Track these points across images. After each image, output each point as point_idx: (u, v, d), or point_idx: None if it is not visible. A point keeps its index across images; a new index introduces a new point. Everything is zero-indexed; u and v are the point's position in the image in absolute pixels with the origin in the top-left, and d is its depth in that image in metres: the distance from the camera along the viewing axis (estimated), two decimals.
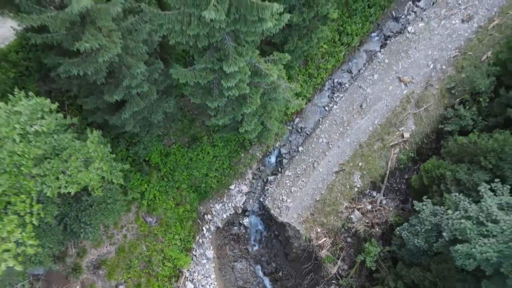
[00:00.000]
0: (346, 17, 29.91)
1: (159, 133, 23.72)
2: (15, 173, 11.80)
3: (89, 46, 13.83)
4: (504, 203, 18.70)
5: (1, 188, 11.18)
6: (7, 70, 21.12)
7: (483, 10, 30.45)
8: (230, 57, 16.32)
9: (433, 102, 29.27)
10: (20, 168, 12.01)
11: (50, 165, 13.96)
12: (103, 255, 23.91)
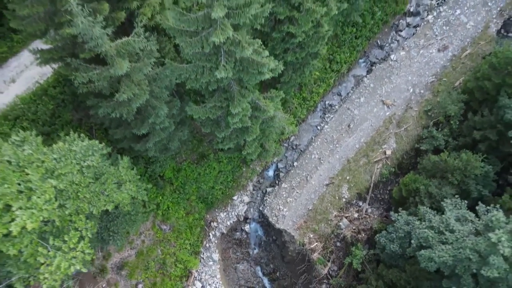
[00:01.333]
0: (336, 47, 33.85)
1: (173, 153, 27.62)
2: (75, 198, 15.69)
3: (126, 96, 17.76)
4: (461, 215, 22.60)
5: (67, 211, 15.06)
6: (47, 103, 25.09)
7: (457, 41, 34.41)
8: (235, 99, 20.27)
9: (412, 123, 33.20)
10: (77, 194, 15.91)
11: (93, 188, 17.89)
12: (125, 258, 27.84)
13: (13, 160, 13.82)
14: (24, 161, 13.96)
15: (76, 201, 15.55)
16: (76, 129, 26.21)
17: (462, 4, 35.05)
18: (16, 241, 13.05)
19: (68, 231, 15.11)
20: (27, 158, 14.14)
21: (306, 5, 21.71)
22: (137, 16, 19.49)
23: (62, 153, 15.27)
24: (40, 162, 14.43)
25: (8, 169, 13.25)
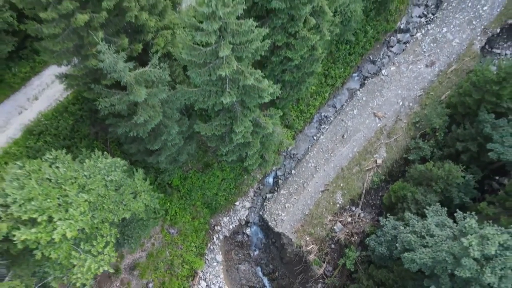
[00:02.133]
0: (330, 63, 36.40)
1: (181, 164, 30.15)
2: (101, 209, 18.22)
3: (143, 119, 20.30)
4: (440, 221, 25.14)
5: (95, 220, 17.58)
6: (67, 119, 27.64)
7: (443, 57, 36.96)
8: (238, 118, 22.83)
9: (401, 134, 35.76)
10: (103, 205, 18.46)
11: (114, 198, 20.43)
12: (136, 259, 30.39)
13: (52, 178, 16.38)
14: (61, 178, 16.52)
15: (102, 211, 18.10)
16: (92, 142, 28.79)
17: (448, 23, 37.61)
18: (57, 246, 15.60)
19: (95, 237, 17.67)
20: (63, 176, 16.70)
21: (301, 33, 24.26)
22: (152, 47, 22.05)
23: (92, 171, 17.82)
24: (74, 179, 16.99)
25: (50, 186, 15.80)
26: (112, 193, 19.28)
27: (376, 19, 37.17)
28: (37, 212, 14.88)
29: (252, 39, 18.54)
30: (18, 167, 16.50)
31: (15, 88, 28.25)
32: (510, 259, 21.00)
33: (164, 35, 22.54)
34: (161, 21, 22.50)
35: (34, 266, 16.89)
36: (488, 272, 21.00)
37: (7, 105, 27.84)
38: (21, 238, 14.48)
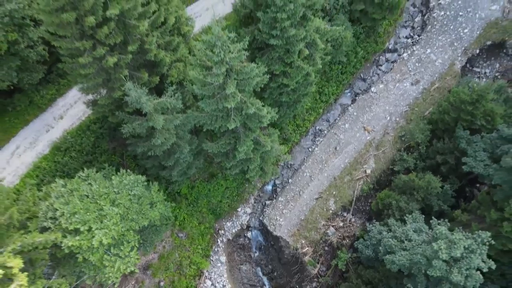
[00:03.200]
0: (324, 81, 39.94)
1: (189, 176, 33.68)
2: (126, 219, 21.74)
3: (160, 141, 23.84)
4: (418, 227, 28.69)
5: (123, 228, 21.08)
6: (89, 136, 31.22)
7: (427, 76, 40.50)
8: (241, 139, 26.37)
9: (388, 146, 39.30)
10: (128, 216, 21.99)
11: (136, 209, 23.97)
12: (149, 261, 33.92)
13: (89, 194, 19.94)
14: (96, 194, 20.07)
15: (127, 221, 21.66)
16: (111, 156, 32.35)
17: (432, 44, 41.15)
18: (94, 251, 19.14)
19: (122, 242, 21.21)
20: (97, 192, 20.25)
21: (296, 63, 27.81)
22: (167, 78, 25.60)
23: (120, 187, 21.38)
24: (106, 195, 20.55)
25: (88, 201, 19.35)
26: (135, 205, 22.84)
27: (366, 41, 40.69)
28: (80, 223, 18.44)
29: (254, 76, 22.08)
30: (62, 185, 20.05)
31: (42, 108, 31.84)
32: (474, 261, 24.56)
33: (177, 67, 26.10)
34: (174, 55, 26.04)
35: (74, 267, 20.44)
36: (456, 272, 24.55)
37: (36, 124, 31.43)
38: (68, 244, 18.02)
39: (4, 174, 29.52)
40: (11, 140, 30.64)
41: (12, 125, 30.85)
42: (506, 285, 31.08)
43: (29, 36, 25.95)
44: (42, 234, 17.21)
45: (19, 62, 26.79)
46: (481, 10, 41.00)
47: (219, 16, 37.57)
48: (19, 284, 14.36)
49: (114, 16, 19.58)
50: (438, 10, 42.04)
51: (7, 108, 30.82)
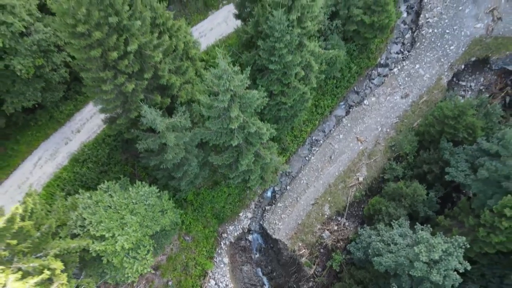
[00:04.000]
0: (320, 95, 42.91)
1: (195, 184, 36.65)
2: (143, 226, 24.69)
3: (171, 156, 26.79)
4: (403, 232, 31.65)
5: (141, 234, 24.03)
6: (104, 148, 34.19)
7: (416, 90, 43.47)
8: (243, 153, 29.32)
9: (379, 156, 42.26)
10: (144, 223, 24.93)
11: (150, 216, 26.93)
12: (158, 262, 36.87)
13: (111, 205, 22.91)
14: (117, 205, 23.04)
15: (144, 228, 24.63)
16: (123, 166, 35.32)
17: (420, 60, 44.12)
18: (117, 254, 22.10)
19: (139, 247, 24.18)
20: (118, 203, 23.23)
21: (293, 83, 30.77)
22: (177, 98, 28.55)
23: (137, 198, 24.36)
24: (125, 205, 23.52)
25: (111, 211, 22.33)
26: (150, 213, 25.82)
27: (359, 57, 43.66)
28: (105, 231, 21.42)
29: (255, 100, 25.04)
30: (88, 197, 23.02)
31: (61, 123, 34.82)
32: (451, 262, 27.57)
33: (185, 88, 29.06)
34: (183, 77, 29.00)
35: (98, 268, 23.40)
36: (435, 272, 27.55)
37: (55, 137, 34.40)
38: (95, 249, 20.99)
39: (28, 183, 32.48)
40: (33, 152, 33.60)
41: (34, 138, 33.81)
42: (486, 285, 34.04)
43: (53, 60, 28.91)
44: (74, 240, 20.14)
45: (44, 83, 29.80)
46: (466, 28, 43.97)
47: (221, 35, 40.56)
48: (60, 283, 17.28)
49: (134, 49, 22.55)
50: (426, 28, 45.03)
51: (29, 123, 33.78)
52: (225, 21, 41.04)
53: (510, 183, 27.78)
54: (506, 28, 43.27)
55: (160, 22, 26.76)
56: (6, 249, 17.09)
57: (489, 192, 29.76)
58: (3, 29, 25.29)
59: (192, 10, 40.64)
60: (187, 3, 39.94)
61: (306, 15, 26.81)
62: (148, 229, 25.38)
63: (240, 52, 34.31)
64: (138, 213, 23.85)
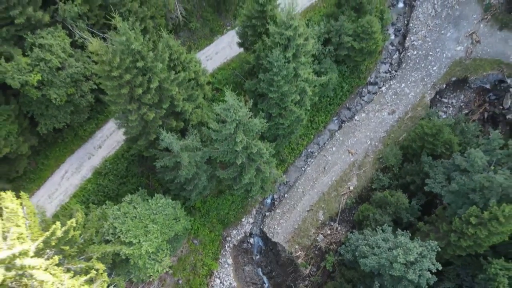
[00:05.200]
0: (315, 112, 47.41)
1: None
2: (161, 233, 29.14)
3: (185, 173, 31.28)
4: (385, 237, 36.13)
5: (160, 240, 28.47)
6: (123, 162, 38.68)
7: (402, 107, 47.96)
8: (246, 169, 33.80)
9: (368, 167, 46.75)
10: (162, 231, 29.41)
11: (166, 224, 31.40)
12: (170, 263, 41.30)
13: (136, 216, 27.41)
14: (141, 215, 27.55)
15: (163, 234, 29.14)
16: (140, 178, 39.82)
17: (406, 79, 48.61)
18: (142, 257, 26.59)
19: (158, 251, 28.68)
20: (142, 214, 27.74)
21: (289, 107, 35.27)
22: (189, 122, 33.03)
23: (157, 209, 28.87)
24: (147, 215, 28.02)
25: (137, 221, 26.82)
26: (167, 221, 30.33)
27: (351, 77, 48.16)
28: (133, 237, 25.93)
29: (256, 126, 29.53)
30: (117, 209, 27.53)
31: (85, 140, 39.32)
32: (425, 264, 32.08)
33: (196, 112, 33.56)
34: (194, 103, 33.49)
35: (125, 268, 27.89)
36: (411, 272, 32.07)
37: (80, 152, 38.90)
38: (125, 252, 25.49)
39: (57, 194, 37.00)
40: (61, 166, 38.10)
41: (61, 154, 38.31)
42: (461, 283, 38.54)
43: (81, 88, 33.39)
44: (108, 245, 24.61)
45: (73, 107, 34.31)
46: (448, 51, 48.49)
47: (226, 58, 45.05)
48: (103, 280, 21.70)
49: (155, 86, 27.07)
50: (412, 50, 49.54)
51: (57, 140, 38.29)
52: (229, 46, 45.51)
53: (475, 195, 32.26)
54: (484, 50, 47.78)
55: (175, 57, 31.35)
56: (60, 253, 21.59)
57: (459, 203, 34.24)
58: (42, 65, 29.82)
59: (199, 36, 45.14)
60: (195, 30, 44.42)
61: (300, 51, 31.34)
62: (166, 235, 29.88)
63: (243, 77, 38.95)
64: (158, 222, 28.36)
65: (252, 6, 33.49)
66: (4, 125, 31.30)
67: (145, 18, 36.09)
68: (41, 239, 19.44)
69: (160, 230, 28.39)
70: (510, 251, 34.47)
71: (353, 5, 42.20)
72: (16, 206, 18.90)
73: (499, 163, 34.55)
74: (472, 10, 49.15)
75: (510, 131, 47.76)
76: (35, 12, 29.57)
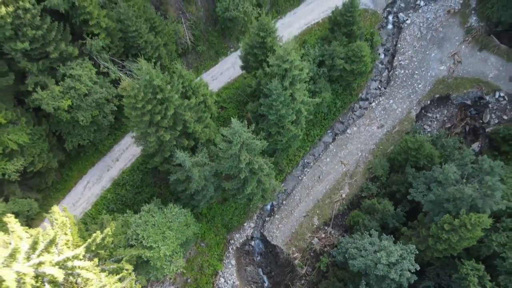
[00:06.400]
0: (311, 126, 52.02)
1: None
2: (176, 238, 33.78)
3: (195, 186, 35.90)
4: (371, 241, 40.74)
5: (175, 245, 33.05)
6: (138, 174, 43.30)
7: (390, 121, 52.59)
8: (249, 181, 38.42)
9: (359, 176, 51.38)
10: (177, 236, 34.03)
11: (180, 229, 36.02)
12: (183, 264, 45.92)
13: (155, 223, 32.05)
14: (159, 223, 32.19)
15: (177, 239, 33.79)
16: (153, 188, 44.45)
17: (394, 96, 53.24)
18: (160, 259, 31.21)
19: (173, 253, 33.31)
20: (159, 222, 32.38)
21: (286, 126, 39.91)
22: (198, 140, 37.65)
23: (172, 217, 33.52)
24: (164, 223, 32.66)
25: (156, 228, 31.46)
26: (180, 228, 34.98)
27: (344, 94, 52.77)
28: (153, 242, 30.57)
29: (258, 146, 34.16)
30: (138, 218, 32.16)
31: (104, 153, 43.95)
32: (405, 264, 36.71)
33: (205, 131, 38.18)
34: (203, 123, 38.11)
35: (145, 268, 32.54)
36: (393, 272, 36.71)
37: (99, 165, 43.54)
38: (147, 255, 30.13)
39: (80, 202, 41.65)
40: (83, 177, 42.74)
41: (83, 166, 42.95)
42: (440, 282, 43.15)
43: (104, 110, 38.01)
44: (133, 249, 29.24)
45: (96, 126, 38.95)
46: (432, 70, 53.13)
47: (230, 78, 49.68)
48: (131, 279, 26.26)
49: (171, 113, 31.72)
50: (399, 69, 54.17)
51: (80, 154, 42.92)
52: (232, 66, 50.12)
53: (449, 205, 36.89)
54: (465, 70, 52.44)
55: (186, 84, 36.00)
56: (96, 256, 26.24)
57: (436, 211, 38.87)
58: (72, 92, 34.46)
59: (205, 57, 49.79)
60: (202, 53, 49.07)
61: (296, 79, 35.98)
62: (179, 240, 34.53)
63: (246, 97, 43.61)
64: (173, 229, 33.01)
65: (254, 38, 38.19)
66: (37, 144, 35.94)
67: (159, 46, 40.73)
68: (85, 244, 24.10)
69: (175, 235, 33.02)
70: (481, 253, 39.08)
71: (344, 31, 46.85)
72: (65, 218, 23.55)
73: (472, 175, 39.17)
74: (454, 33, 53.78)
75: (489, 143, 52.44)
76: (67, 47, 34.20)
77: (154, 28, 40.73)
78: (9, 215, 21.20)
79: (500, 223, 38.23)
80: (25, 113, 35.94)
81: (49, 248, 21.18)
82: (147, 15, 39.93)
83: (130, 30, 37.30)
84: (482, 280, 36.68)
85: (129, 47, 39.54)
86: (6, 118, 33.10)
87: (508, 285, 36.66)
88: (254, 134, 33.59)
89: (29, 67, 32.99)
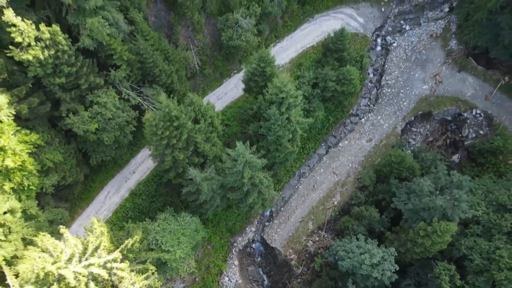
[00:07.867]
0: (306, 140, 57.68)
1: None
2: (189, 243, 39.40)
3: (204, 197, 41.53)
4: (358, 244, 46.38)
5: (188, 249, 38.61)
6: (152, 185, 48.94)
7: (377, 135, 58.25)
8: (250, 193, 44.09)
9: (350, 185, 57.04)
10: (189, 241, 39.64)
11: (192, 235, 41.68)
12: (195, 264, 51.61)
13: (172, 230, 37.71)
14: (175, 230, 37.86)
15: (189, 244, 39.45)
16: (165, 197, 50.10)
17: (381, 112, 58.88)
18: (176, 261, 36.87)
19: (186, 256, 38.97)
20: (175, 229, 38.05)
21: (284, 144, 45.56)
22: (206, 157, 43.29)
23: (185, 225, 39.18)
24: (178, 230, 38.32)
25: (172, 234, 37.14)
26: (191, 234, 40.65)
27: (336, 111, 58.43)
28: (170, 247, 36.24)
29: (259, 165, 39.81)
30: (157, 225, 37.82)
31: (122, 166, 49.59)
32: (386, 265, 42.41)
33: (212, 149, 43.83)
34: (211, 143, 43.73)
35: (162, 269, 38.19)
36: (376, 271, 42.40)
37: (118, 177, 49.21)
38: (165, 258, 35.79)
39: (102, 210, 47.32)
40: (104, 188, 48.39)
41: (104, 178, 48.60)
42: (420, 280, 48.80)
43: (124, 131, 43.66)
44: (154, 252, 34.90)
45: (117, 145, 44.64)
46: (416, 89, 58.76)
47: (233, 98, 55.32)
48: (155, 277, 31.85)
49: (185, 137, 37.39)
50: (386, 88, 59.82)
51: (101, 168, 48.59)
52: (235, 87, 55.77)
53: (424, 213, 42.55)
54: (445, 89, 58.08)
55: (196, 109, 41.66)
56: (125, 259, 31.92)
57: (414, 218, 44.54)
58: (99, 117, 40.11)
59: (211, 79, 55.44)
60: (208, 75, 54.72)
61: (292, 105, 41.63)
62: (191, 244, 40.22)
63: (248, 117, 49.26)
64: (186, 235, 38.68)
65: (254, 67, 43.88)
66: (68, 160, 41.60)
67: (171, 74, 46.39)
68: (119, 249, 29.79)
69: (188, 240, 38.70)
70: (453, 255, 44.75)
71: (336, 56, 52.56)
72: (104, 228, 29.24)
73: (446, 187, 44.81)
74: (436, 55, 59.43)
75: (467, 155, 58.13)
76: (94, 78, 39.84)
77: (167, 57, 46.39)
78: (62, 226, 26.94)
79: (468, 229, 43.90)
80: (57, 134, 41.56)
81: (94, 253, 26.86)
82: (162, 46, 45.58)
83: (148, 61, 42.95)
84: (453, 278, 42.32)
85: (146, 74, 45.18)
86: (43, 139, 38.71)
87: (476, 283, 42.34)
88: (256, 152, 39.20)
89: (63, 97, 38.63)
